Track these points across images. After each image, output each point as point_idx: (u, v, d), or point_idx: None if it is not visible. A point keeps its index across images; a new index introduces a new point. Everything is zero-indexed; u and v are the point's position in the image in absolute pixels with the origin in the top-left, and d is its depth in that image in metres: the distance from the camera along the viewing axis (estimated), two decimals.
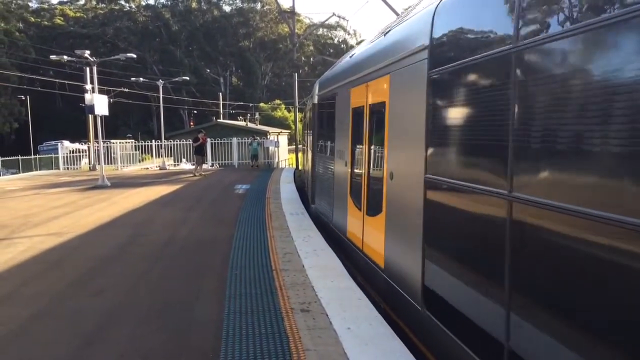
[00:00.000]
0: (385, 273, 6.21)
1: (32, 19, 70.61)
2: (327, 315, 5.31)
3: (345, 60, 10.60)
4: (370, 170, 7.18)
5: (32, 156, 41.43)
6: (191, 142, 25.99)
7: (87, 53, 19.45)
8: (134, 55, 26.33)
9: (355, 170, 8.09)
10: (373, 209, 6.90)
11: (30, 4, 75.48)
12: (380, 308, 5.89)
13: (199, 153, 24.04)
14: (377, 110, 6.70)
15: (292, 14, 34.39)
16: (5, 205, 14.17)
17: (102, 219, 11.47)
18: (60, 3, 78.88)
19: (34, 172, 30.52)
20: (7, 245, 8.78)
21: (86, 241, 9.22)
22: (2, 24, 58.47)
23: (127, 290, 6.34)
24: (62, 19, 72.21)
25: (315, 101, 12.56)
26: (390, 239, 6.15)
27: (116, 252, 8.37)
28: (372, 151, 7.12)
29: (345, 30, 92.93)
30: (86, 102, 18.55)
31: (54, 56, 24.26)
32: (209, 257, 7.93)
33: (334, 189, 9.79)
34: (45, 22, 71.08)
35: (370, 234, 7.05)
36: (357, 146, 8.00)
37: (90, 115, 26.83)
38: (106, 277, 6.93)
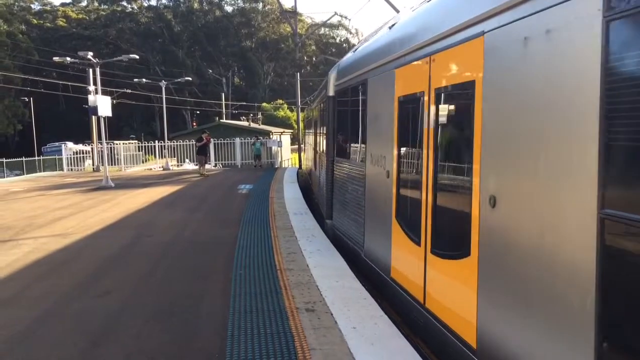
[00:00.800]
0: (481, 357, 3.93)
1: (35, 21, 70.85)
2: (332, 314, 5.30)
3: (381, 35, 7.81)
4: (440, 187, 4.81)
5: (36, 157, 41.57)
6: (195, 142, 26.12)
7: (90, 54, 19.49)
8: (137, 56, 26.34)
9: (406, 186, 5.80)
10: (447, 247, 4.66)
11: (32, 5, 75.77)
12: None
13: (202, 153, 24.14)
14: (455, 96, 4.64)
15: (294, 13, 34.37)
16: (10, 206, 14.21)
17: (107, 219, 11.49)
18: (62, 5, 79.09)
19: (38, 174, 30.62)
20: (12, 247, 8.81)
21: (91, 242, 9.24)
22: (5, 26, 58.65)
23: (132, 290, 6.35)
24: (64, 20, 72.38)
25: (332, 93, 10.16)
26: (495, 304, 3.76)
27: (121, 253, 8.39)
28: (441, 159, 4.79)
29: (347, 29, 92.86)
30: (89, 104, 18.61)
31: (57, 58, 24.32)
32: (213, 257, 7.94)
33: (366, 205, 7.42)
34: (48, 24, 71.32)
35: (442, 285, 4.69)
36: (409, 150, 5.74)
37: (93, 117, 26.87)
38: (111, 278, 6.94)
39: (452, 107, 4.74)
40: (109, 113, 19.62)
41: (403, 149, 5.93)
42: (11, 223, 11.23)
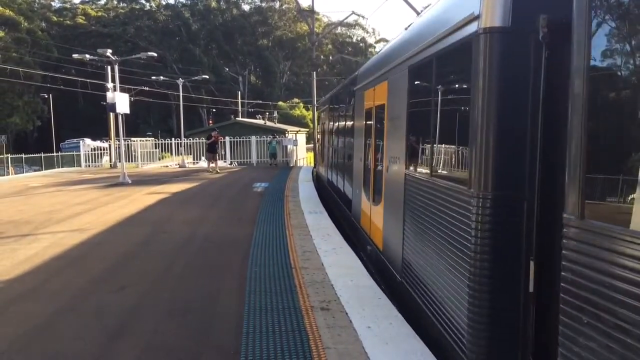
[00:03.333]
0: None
1: (55, 18, 71.78)
2: (346, 313, 5.29)
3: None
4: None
5: (55, 154, 42.18)
6: (205, 140, 26.67)
7: (109, 52, 19.68)
8: (155, 54, 26.57)
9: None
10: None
11: (52, 3, 76.80)
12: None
13: (211, 151, 24.46)
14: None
15: (311, 12, 34.32)
16: (29, 201, 14.42)
17: (123, 215, 11.60)
18: (82, 2, 79.96)
19: (57, 169, 31.04)
20: (31, 241, 8.94)
21: (108, 238, 9.34)
22: (26, 24, 59.52)
23: (149, 286, 6.40)
24: (83, 18, 73.19)
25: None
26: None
27: (137, 249, 8.46)
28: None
29: (363, 28, 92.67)
30: (107, 100, 18.80)
31: (77, 55, 24.59)
32: (228, 255, 7.97)
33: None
34: (68, 22, 72.18)
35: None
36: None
37: (111, 114, 27.15)
38: (128, 273, 7.01)
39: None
40: (127, 110, 19.81)
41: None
42: (30, 218, 11.40)
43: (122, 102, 18.89)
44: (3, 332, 4.93)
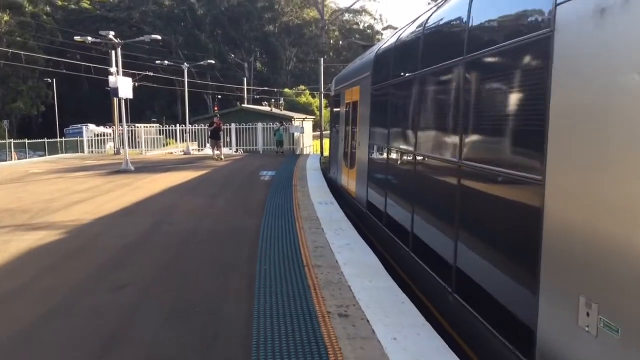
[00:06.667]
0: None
1: (59, 2, 70.97)
2: (367, 321, 4.73)
3: None
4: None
5: (58, 139, 41.74)
6: (207, 127, 26.42)
7: (111, 34, 19.07)
8: (159, 37, 25.95)
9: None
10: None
11: None
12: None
13: (215, 137, 24.03)
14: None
15: None
16: (28, 188, 13.92)
17: (125, 204, 11.08)
18: None
19: (59, 155, 30.58)
20: (25, 232, 8.41)
21: (107, 229, 8.81)
22: (30, 7, 58.81)
23: (149, 285, 5.87)
24: (88, 2, 72.37)
25: None
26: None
27: (138, 242, 7.93)
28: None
29: (371, 15, 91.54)
30: (110, 85, 18.25)
31: (78, 37, 23.99)
32: (235, 249, 7.43)
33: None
34: (72, 6, 71.41)
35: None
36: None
37: (115, 99, 26.60)
38: (126, 269, 6.47)
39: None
40: (130, 95, 19.25)
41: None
42: (27, 206, 10.88)
43: (125, 86, 18.32)
44: None
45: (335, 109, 16.96)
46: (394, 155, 8.30)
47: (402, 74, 7.99)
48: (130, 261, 6.88)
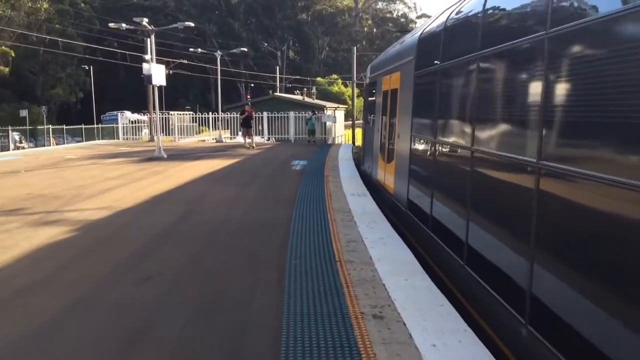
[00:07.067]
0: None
1: None
2: (404, 324, 4.42)
3: None
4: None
5: (95, 125, 42.49)
6: (238, 115, 26.41)
7: (145, 21, 19.06)
8: (192, 24, 25.94)
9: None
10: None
11: None
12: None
13: (246, 125, 24.01)
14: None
15: None
16: (62, 174, 14.03)
17: (156, 192, 11.00)
18: None
19: (94, 142, 31.05)
20: (56, 219, 8.37)
21: (137, 218, 8.71)
22: None
23: (176, 278, 5.68)
24: None
25: None
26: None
27: (167, 232, 7.79)
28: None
29: (405, 3, 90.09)
30: (144, 72, 18.26)
31: (113, 24, 24.12)
32: (265, 242, 7.20)
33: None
34: None
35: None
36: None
37: (150, 86, 26.74)
38: (154, 260, 6.31)
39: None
40: (163, 82, 19.24)
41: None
42: (60, 192, 10.90)
43: (158, 73, 18.30)
44: (2, 334, 4.26)
45: (369, 98, 16.05)
46: (444, 151, 7.16)
47: (456, 56, 6.66)
48: (159, 252, 6.72)
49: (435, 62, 7.68)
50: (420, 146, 8.59)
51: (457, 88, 6.78)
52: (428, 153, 7.94)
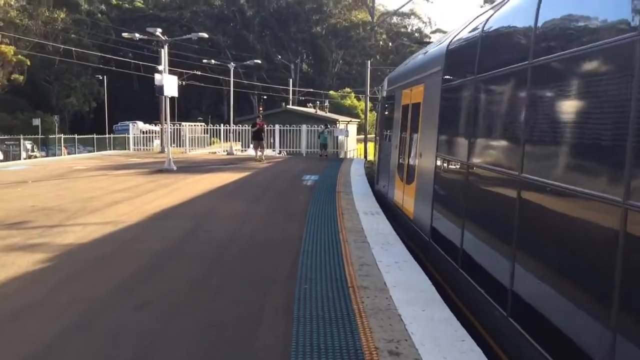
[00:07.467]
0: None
1: (114, 1, 72.76)
2: None
3: None
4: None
5: (107, 135, 42.57)
6: (250, 127, 26.22)
7: (159, 31, 18.96)
8: (206, 35, 25.90)
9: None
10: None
11: None
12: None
13: (257, 138, 23.85)
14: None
15: None
16: (69, 185, 13.81)
17: (163, 206, 10.71)
18: None
19: (104, 152, 30.98)
20: (58, 235, 8.07)
21: (141, 234, 8.40)
22: (86, 5, 60.45)
23: (178, 302, 5.34)
24: (142, 1, 73.94)
25: None
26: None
27: (171, 250, 7.46)
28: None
29: (419, 18, 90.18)
30: (155, 82, 18.10)
31: (126, 34, 24.13)
32: (274, 263, 6.85)
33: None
34: (126, 5, 73.09)
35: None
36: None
37: (162, 97, 26.67)
38: (155, 282, 5.98)
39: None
40: (175, 93, 19.09)
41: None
42: (65, 205, 10.64)
43: (170, 84, 18.15)
44: None
45: (385, 113, 15.25)
46: (480, 175, 6.11)
47: (502, 65, 5.52)
48: (162, 272, 6.40)
49: (470, 73, 6.66)
50: (447, 167, 7.67)
51: (502, 103, 5.70)
52: (459, 176, 7.06)
